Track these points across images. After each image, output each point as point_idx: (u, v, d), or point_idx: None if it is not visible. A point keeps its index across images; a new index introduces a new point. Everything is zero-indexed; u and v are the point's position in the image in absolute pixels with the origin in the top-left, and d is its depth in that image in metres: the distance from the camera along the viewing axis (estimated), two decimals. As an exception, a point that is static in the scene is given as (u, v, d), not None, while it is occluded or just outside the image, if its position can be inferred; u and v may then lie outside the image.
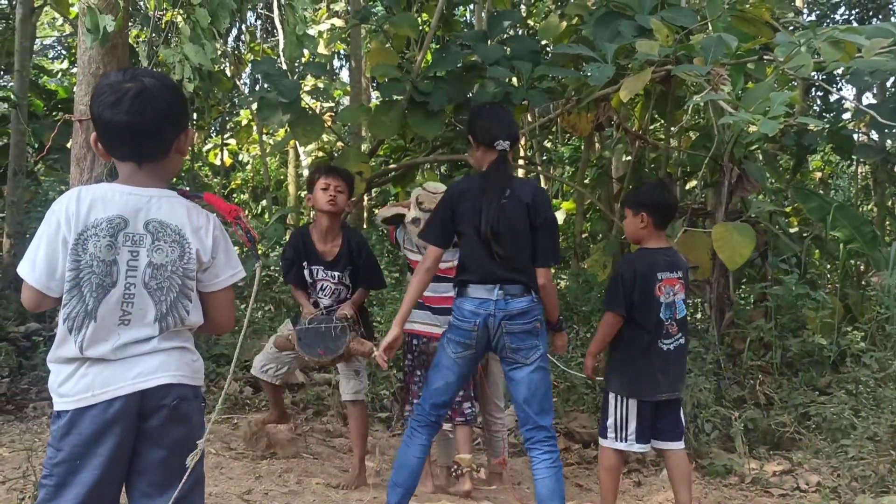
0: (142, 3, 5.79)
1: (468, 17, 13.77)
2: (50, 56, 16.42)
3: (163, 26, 4.92)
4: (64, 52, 15.83)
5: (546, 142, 14.69)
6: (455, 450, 5.23)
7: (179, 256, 2.45)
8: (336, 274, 5.05)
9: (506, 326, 3.97)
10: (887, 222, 12.03)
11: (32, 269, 2.39)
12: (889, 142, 11.71)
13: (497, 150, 4.11)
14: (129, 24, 4.51)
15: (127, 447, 2.38)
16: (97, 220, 2.38)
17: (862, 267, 9.04)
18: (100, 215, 2.38)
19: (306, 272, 5.09)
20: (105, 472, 2.34)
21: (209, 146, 15.96)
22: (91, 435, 2.33)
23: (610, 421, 4.42)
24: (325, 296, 5.09)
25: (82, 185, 4.15)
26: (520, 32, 9.69)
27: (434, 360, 4.23)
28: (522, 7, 11.90)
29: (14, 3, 10.75)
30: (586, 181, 10.97)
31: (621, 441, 4.39)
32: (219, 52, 10.21)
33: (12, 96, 9.54)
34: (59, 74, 14.36)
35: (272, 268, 9.20)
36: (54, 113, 11.52)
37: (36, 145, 10.05)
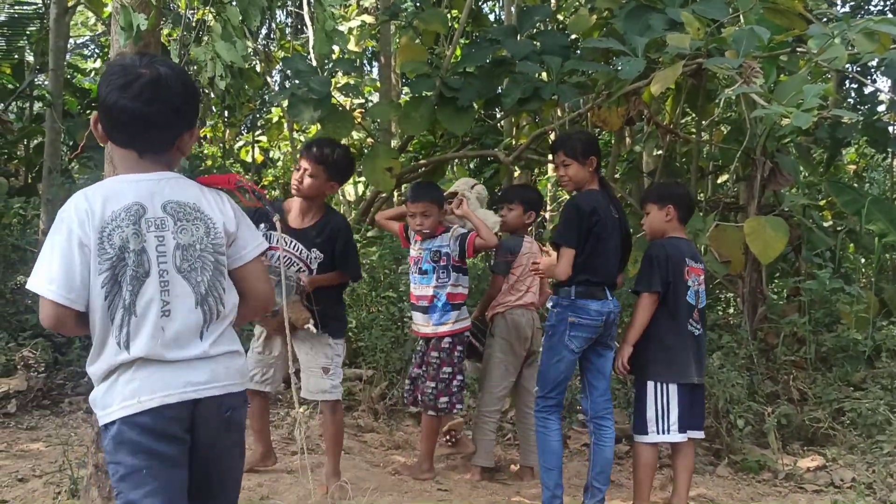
0: (174, 2, 5.85)
1: (497, 13, 13.77)
2: (84, 55, 16.53)
3: (194, 24, 4.96)
4: (97, 50, 15.92)
5: (576, 136, 14.63)
6: (483, 448, 5.31)
7: (206, 233, 2.35)
8: (300, 247, 4.59)
9: (615, 320, 4.61)
10: (923, 215, 11.88)
11: (49, 281, 2.22)
12: (925, 134, 11.60)
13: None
14: (161, 22, 4.55)
15: (182, 455, 2.31)
16: (114, 213, 2.26)
17: (897, 261, 8.96)
18: (115, 207, 2.27)
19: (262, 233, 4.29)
20: (166, 481, 2.26)
21: (241, 143, 16.01)
22: (147, 443, 2.24)
23: (650, 413, 4.46)
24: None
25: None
26: (549, 27, 9.64)
27: (552, 356, 4.51)
28: (552, 1, 11.85)
29: (48, 2, 10.84)
30: (617, 176, 10.93)
31: (663, 433, 4.44)
32: (250, 50, 10.29)
33: (47, 95, 9.63)
34: (93, 73, 14.46)
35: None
36: (88, 111, 11.62)
37: (70, 143, 10.15)
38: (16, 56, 12.75)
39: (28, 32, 12.77)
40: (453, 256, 5.20)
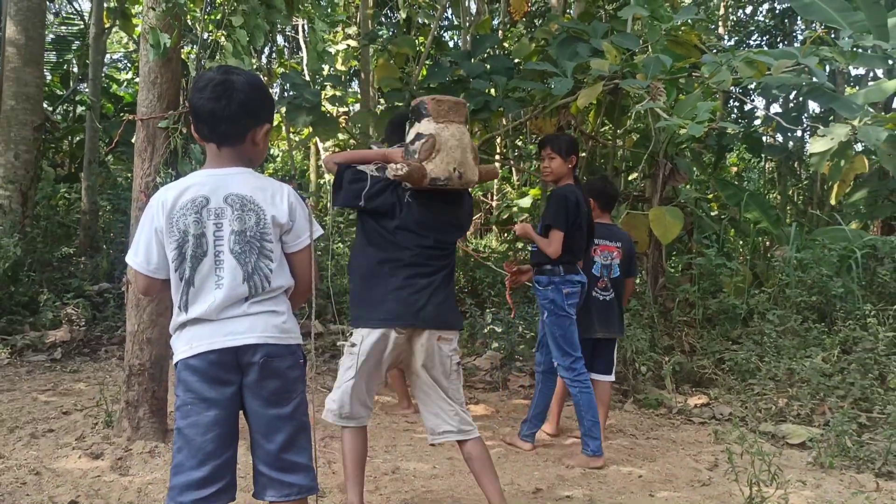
0: (192, 25, 5.73)
1: (456, 40, 13.69)
2: (118, 68, 16.23)
3: (209, 44, 4.85)
4: (129, 64, 15.66)
5: (518, 141, 14.61)
6: None
7: (256, 223, 2.29)
8: None
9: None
10: (788, 207, 12.07)
11: (135, 254, 2.31)
12: (790, 143, 11.76)
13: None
14: (182, 41, 4.45)
15: (229, 396, 2.25)
16: (183, 203, 2.26)
17: (768, 242, 9.08)
18: (186, 198, 2.26)
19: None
20: (212, 415, 2.22)
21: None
22: (195, 382, 2.23)
23: None
24: None
25: (143, 172, 4.14)
26: (497, 52, 9.60)
27: (562, 325, 4.32)
28: (499, 32, 11.80)
29: (89, 23, 10.63)
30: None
31: None
32: (255, 66, 10.13)
33: (88, 100, 9.47)
34: (125, 83, 14.25)
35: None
36: (121, 114, 11.46)
37: (106, 140, 9.99)
38: (63, 67, 12.58)
39: (73, 48, 12.57)
40: None
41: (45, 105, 9.26)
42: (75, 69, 12.53)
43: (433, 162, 3.04)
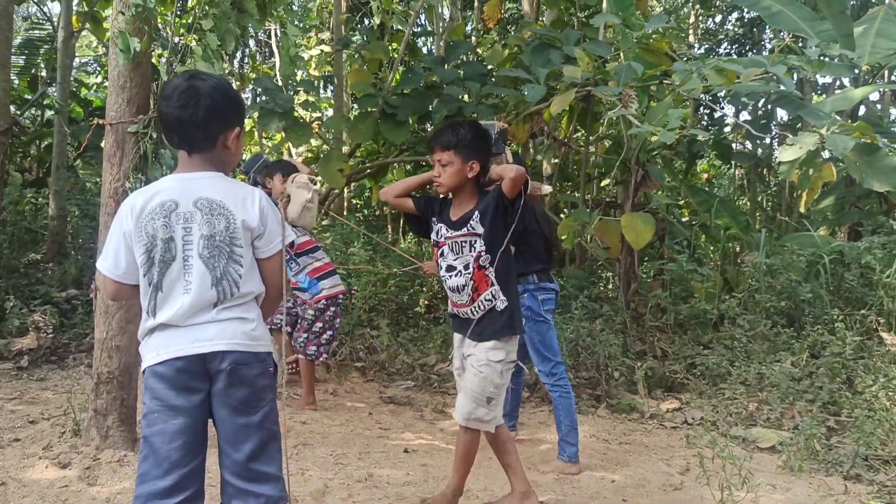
0: (162, 29, 5.67)
1: (430, 46, 13.69)
2: (87, 72, 16.03)
3: (179, 48, 4.79)
4: (99, 68, 15.47)
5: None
6: None
7: (225, 227, 2.26)
8: None
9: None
10: (758, 213, 12.21)
11: (104, 259, 2.30)
12: (759, 150, 11.91)
13: None
14: (152, 45, 4.40)
15: (197, 404, 2.22)
16: (152, 208, 2.25)
17: (738, 248, 9.16)
18: (155, 202, 2.25)
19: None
20: (179, 423, 2.19)
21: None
22: (161, 390, 2.20)
23: None
24: None
25: (112, 177, 4.08)
26: (471, 59, 9.62)
27: (542, 331, 4.39)
28: (473, 38, 11.82)
29: (57, 27, 10.49)
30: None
31: None
32: (226, 71, 10.04)
33: (56, 104, 9.35)
34: (94, 87, 14.10)
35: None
36: (90, 118, 11.32)
37: (75, 144, 9.84)
38: (31, 71, 12.43)
39: (41, 52, 12.42)
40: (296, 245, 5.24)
41: (12, 109, 9.10)
42: (44, 73, 12.34)
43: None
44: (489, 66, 8.47)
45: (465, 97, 7.28)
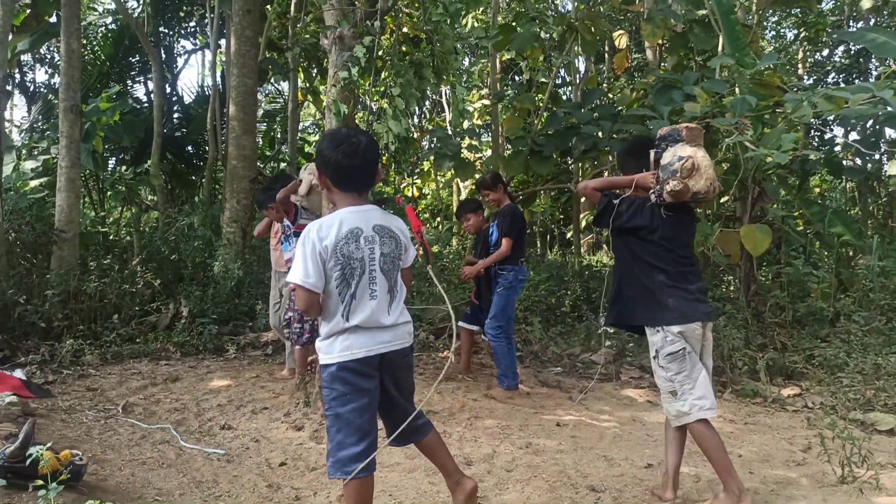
0: (362, 96, 6.02)
1: (568, 94, 13.52)
2: (309, 132, 17.18)
3: (375, 110, 5.06)
4: (317, 129, 16.53)
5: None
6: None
7: (396, 246, 2.44)
8: None
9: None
10: (869, 221, 11.04)
11: (307, 276, 2.29)
12: (869, 165, 10.79)
13: None
14: (355, 109, 4.68)
15: (376, 385, 2.39)
16: (343, 234, 2.33)
17: (850, 253, 8.32)
18: (343, 230, 2.33)
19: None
20: (366, 401, 2.34)
21: (405, 184, 16.32)
22: (353, 378, 2.32)
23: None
24: None
25: (328, 210, 4.35)
26: (603, 102, 9.42)
27: (509, 299, 5.06)
28: (604, 85, 11.57)
29: (287, 101, 11.32)
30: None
31: None
32: (410, 125, 10.45)
33: (287, 158, 10.07)
34: (314, 144, 15.05)
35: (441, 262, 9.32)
36: (311, 167, 12.00)
37: (301, 187, 10.52)
38: (270, 134, 13.40)
39: (276, 119, 13.38)
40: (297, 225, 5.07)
41: (257, 163, 9.93)
42: (278, 135, 13.36)
43: (693, 178, 2.95)
44: (619, 108, 8.25)
45: (600, 134, 7.12)
